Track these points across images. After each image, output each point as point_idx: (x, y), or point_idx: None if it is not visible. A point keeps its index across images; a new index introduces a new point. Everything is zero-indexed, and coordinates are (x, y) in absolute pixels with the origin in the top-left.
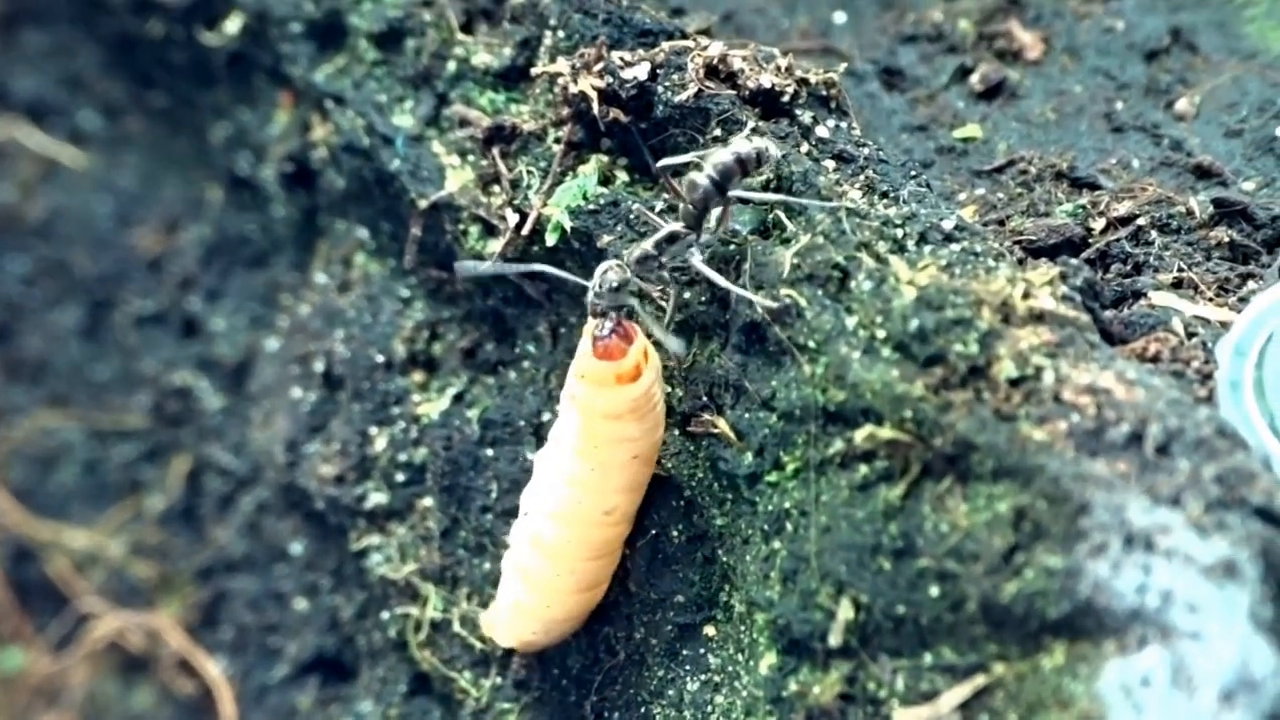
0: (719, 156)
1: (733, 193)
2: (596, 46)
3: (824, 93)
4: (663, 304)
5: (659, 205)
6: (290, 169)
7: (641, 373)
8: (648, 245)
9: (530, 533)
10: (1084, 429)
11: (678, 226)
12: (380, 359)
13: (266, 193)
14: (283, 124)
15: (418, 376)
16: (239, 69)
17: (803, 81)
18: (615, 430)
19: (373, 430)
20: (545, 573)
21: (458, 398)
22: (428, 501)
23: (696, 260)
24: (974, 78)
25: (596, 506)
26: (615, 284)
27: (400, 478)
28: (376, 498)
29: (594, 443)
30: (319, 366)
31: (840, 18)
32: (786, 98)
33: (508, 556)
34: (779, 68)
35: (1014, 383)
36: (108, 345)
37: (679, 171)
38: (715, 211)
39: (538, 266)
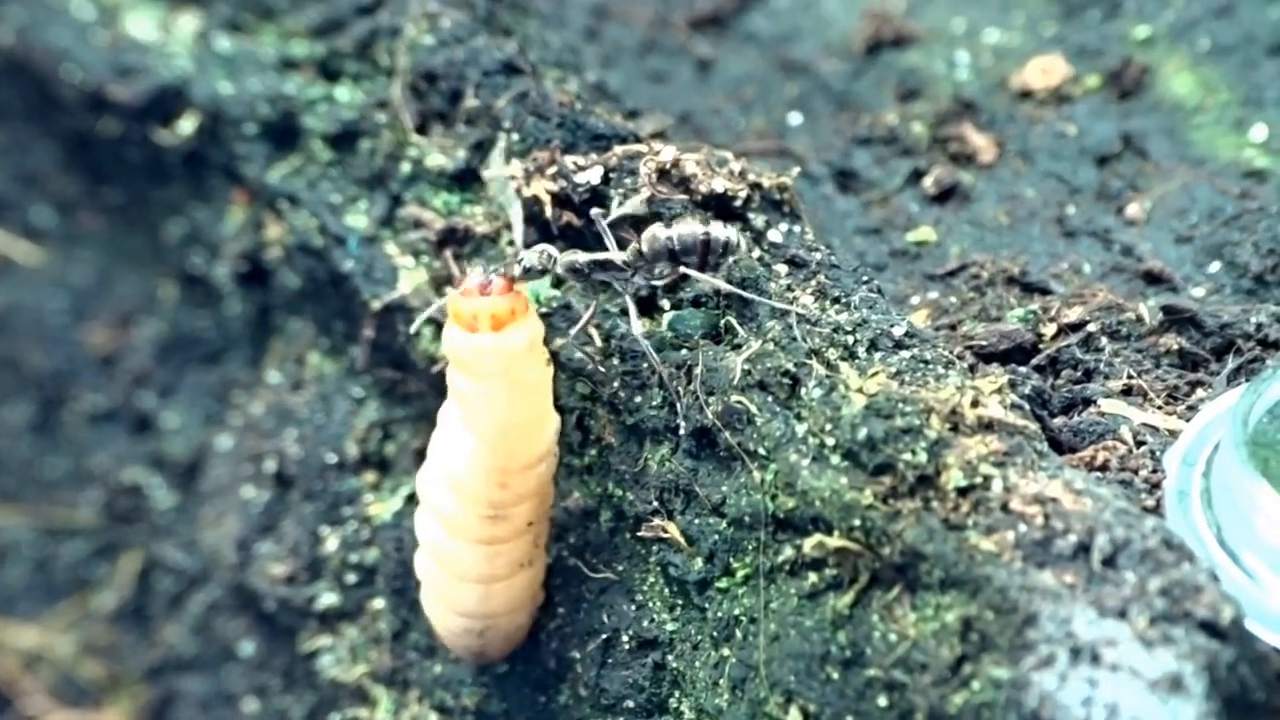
0: (689, 228)
1: (684, 269)
2: (550, 150)
3: (777, 196)
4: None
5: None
6: (244, 267)
7: (477, 329)
8: (582, 259)
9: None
10: (1032, 539)
11: (619, 257)
12: (333, 459)
13: (220, 290)
14: (237, 222)
15: (370, 476)
16: (194, 167)
17: (756, 185)
18: (450, 374)
19: (324, 530)
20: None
21: (410, 498)
22: (379, 603)
23: (630, 307)
24: (928, 180)
25: (441, 457)
26: (530, 265)
27: (351, 578)
28: (328, 598)
29: (450, 391)
30: (271, 466)
31: (796, 119)
32: (739, 201)
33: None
34: (732, 171)
35: (962, 492)
36: (59, 441)
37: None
38: (660, 268)
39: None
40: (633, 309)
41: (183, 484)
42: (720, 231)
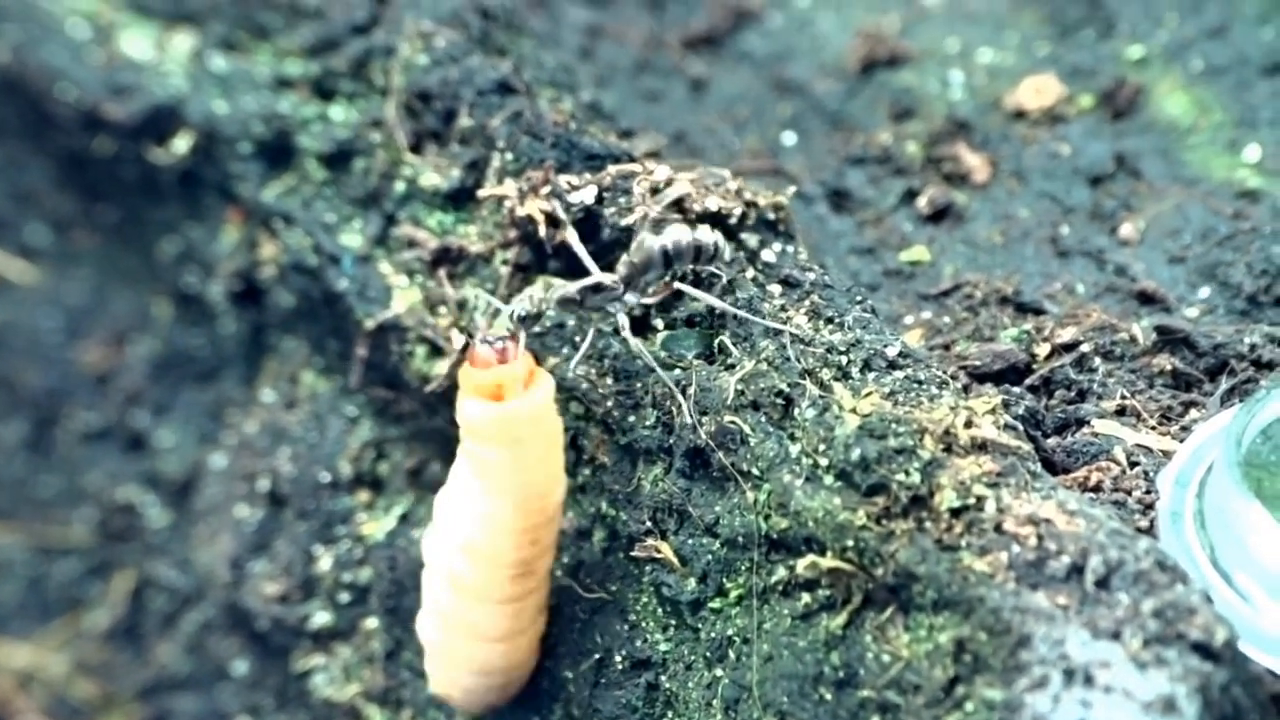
0: (679, 234)
1: (680, 286)
2: (544, 170)
3: (771, 216)
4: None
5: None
6: (239, 286)
7: (504, 396)
8: (572, 289)
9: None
10: (1025, 560)
11: (607, 278)
12: (326, 478)
13: (214, 309)
14: (231, 241)
15: (363, 495)
16: (188, 186)
17: (751, 204)
18: (472, 448)
19: (318, 549)
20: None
21: (403, 517)
22: (372, 622)
23: (622, 321)
24: (921, 200)
25: (461, 528)
26: (521, 314)
27: (345, 598)
28: (321, 618)
29: (462, 458)
30: (264, 485)
31: (790, 139)
32: (733, 220)
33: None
34: (728, 190)
35: (955, 512)
36: (52, 460)
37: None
38: (652, 275)
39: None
40: (625, 323)
41: (176, 502)
42: (708, 236)
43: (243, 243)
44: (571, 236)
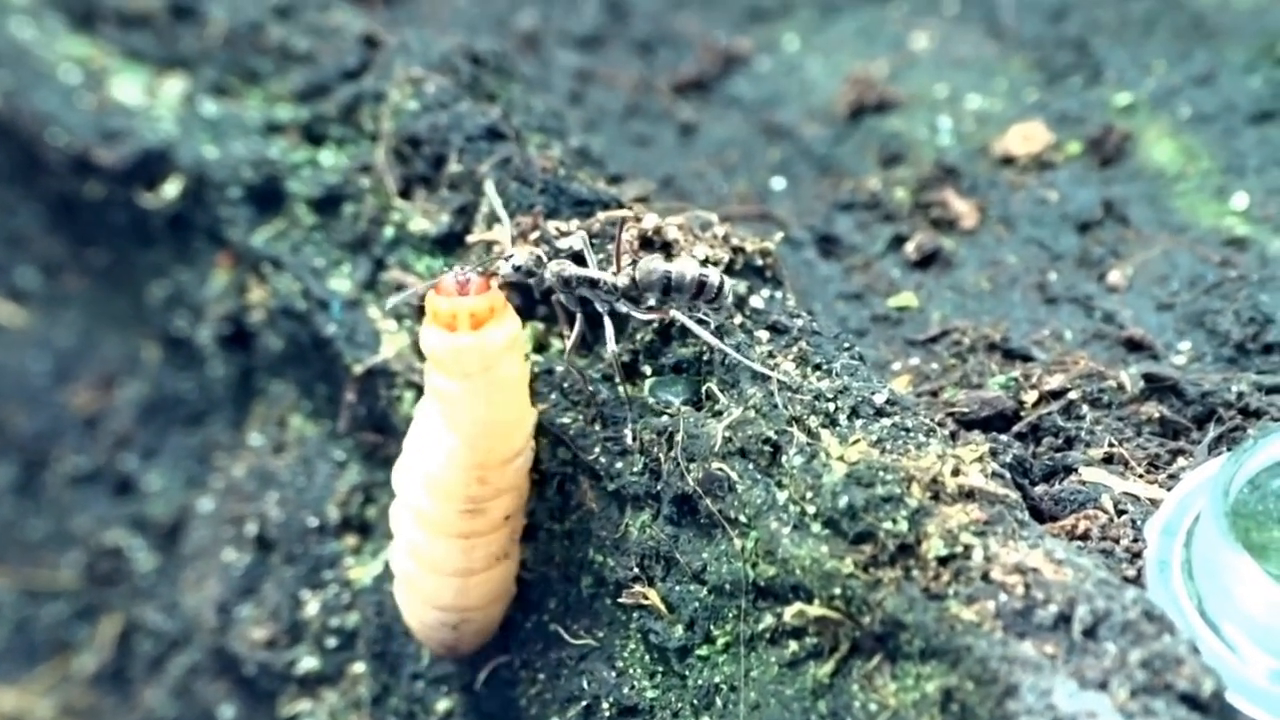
0: (685, 266)
1: (675, 310)
2: (532, 215)
3: (759, 262)
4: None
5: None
6: (227, 330)
7: (456, 328)
8: (573, 271)
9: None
10: (1012, 609)
11: (609, 280)
12: (314, 522)
13: (203, 353)
14: (221, 284)
15: (351, 540)
16: (178, 230)
17: (738, 250)
18: (428, 373)
19: (305, 594)
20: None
21: None
22: (359, 667)
23: (608, 333)
24: (909, 246)
25: (419, 454)
26: (519, 264)
27: (332, 643)
28: (308, 663)
29: (428, 389)
30: (252, 529)
31: (778, 183)
32: (722, 266)
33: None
34: (716, 236)
35: (943, 561)
36: (40, 503)
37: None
38: (649, 298)
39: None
40: (609, 326)
41: (164, 546)
42: (715, 276)
43: (232, 287)
44: (584, 241)
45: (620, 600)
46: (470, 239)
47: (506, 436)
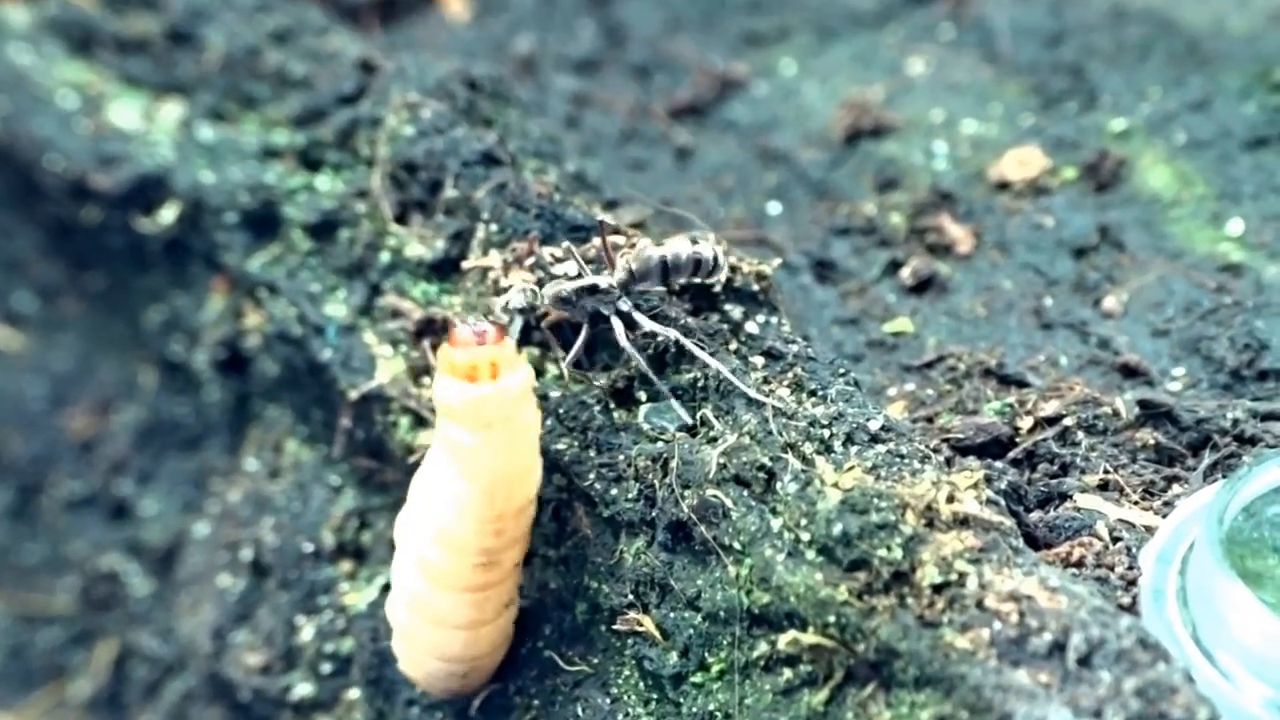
0: (679, 247)
1: (675, 331)
2: (528, 241)
3: (755, 287)
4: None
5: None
6: (223, 355)
7: (478, 378)
8: (568, 288)
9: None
10: (1007, 637)
11: (604, 282)
12: (309, 547)
13: (199, 377)
14: (217, 309)
15: (346, 566)
16: (174, 255)
17: (734, 268)
18: (444, 427)
19: (300, 620)
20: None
21: (386, 588)
22: (354, 693)
23: (616, 324)
24: (905, 271)
25: (430, 512)
26: (520, 305)
27: (327, 669)
28: (302, 689)
29: (437, 440)
30: (247, 554)
31: (775, 208)
32: (718, 288)
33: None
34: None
35: (937, 589)
36: (36, 528)
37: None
38: (647, 285)
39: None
40: (619, 325)
41: (159, 571)
42: (708, 250)
43: (228, 312)
44: (571, 250)
45: (615, 627)
46: (465, 265)
47: (523, 484)
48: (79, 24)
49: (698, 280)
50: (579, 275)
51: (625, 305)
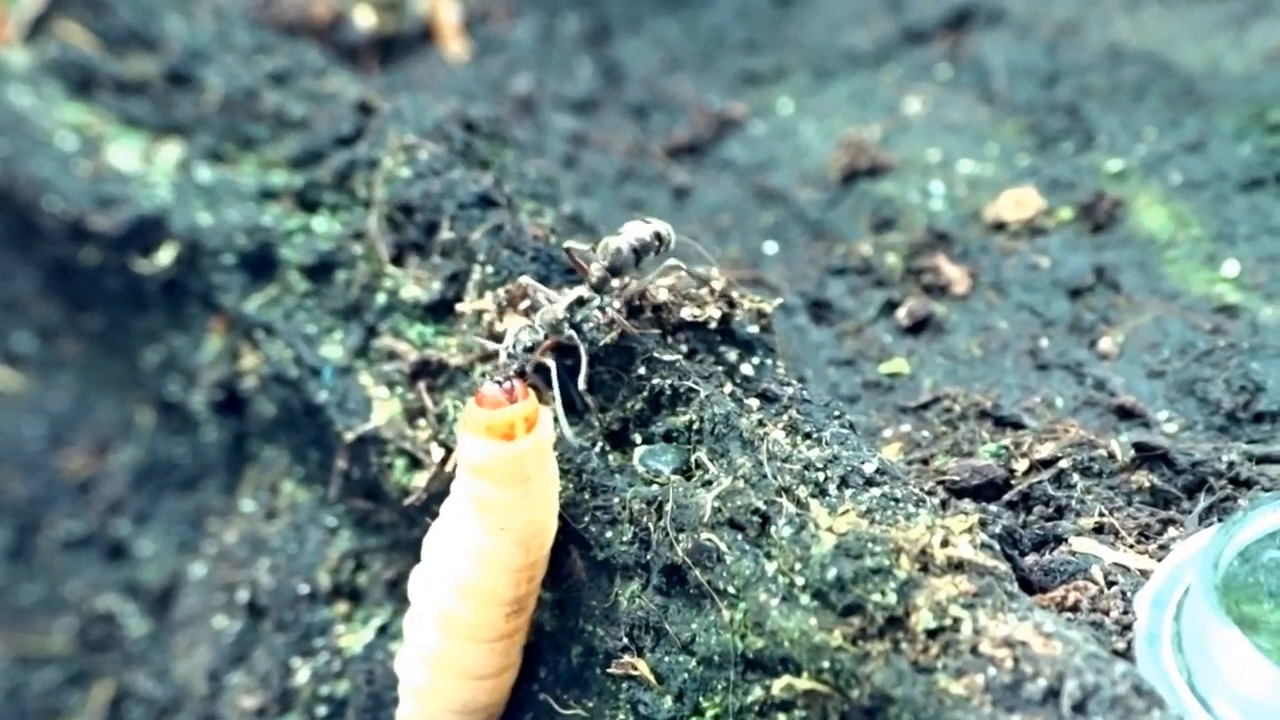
0: (638, 230)
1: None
2: (518, 285)
3: (753, 327)
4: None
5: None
6: (220, 395)
7: (515, 436)
8: (559, 310)
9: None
10: (1001, 683)
11: (584, 291)
12: (305, 589)
13: (196, 418)
14: (214, 351)
15: (342, 607)
16: (172, 296)
17: (732, 304)
18: (479, 488)
19: (295, 662)
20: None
21: (382, 629)
22: None
23: (612, 311)
24: (901, 312)
25: (458, 567)
26: (528, 344)
27: (322, 711)
28: None
29: (463, 498)
30: (243, 595)
31: (771, 248)
32: (714, 325)
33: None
34: (713, 290)
35: (932, 634)
36: (33, 568)
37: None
38: (619, 282)
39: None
40: (620, 309)
41: (155, 612)
42: (661, 225)
43: (225, 353)
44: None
45: (610, 670)
46: (460, 307)
47: (551, 529)
48: (78, 66)
49: (653, 257)
50: (562, 296)
51: (616, 306)
